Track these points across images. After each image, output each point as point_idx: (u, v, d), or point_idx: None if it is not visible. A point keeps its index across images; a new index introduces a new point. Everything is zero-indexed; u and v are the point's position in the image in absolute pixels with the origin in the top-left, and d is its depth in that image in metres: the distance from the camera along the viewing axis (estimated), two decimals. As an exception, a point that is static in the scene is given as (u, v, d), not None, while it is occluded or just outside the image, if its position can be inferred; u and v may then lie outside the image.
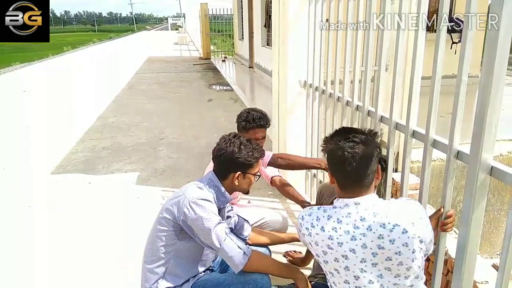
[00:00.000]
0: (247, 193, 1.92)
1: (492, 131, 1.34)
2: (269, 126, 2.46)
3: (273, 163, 2.41)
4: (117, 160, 4.78)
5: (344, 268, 1.36)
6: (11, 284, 2.54)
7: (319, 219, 1.38)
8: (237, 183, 1.79)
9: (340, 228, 1.33)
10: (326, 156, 1.43)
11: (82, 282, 2.53)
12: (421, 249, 1.33)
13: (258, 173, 1.86)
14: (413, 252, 1.31)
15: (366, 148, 1.34)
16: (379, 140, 1.45)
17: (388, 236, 1.29)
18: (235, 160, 1.75)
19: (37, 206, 3.60)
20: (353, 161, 1.32)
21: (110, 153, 5.04)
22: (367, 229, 1.31)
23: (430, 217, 1.63)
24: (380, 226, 1.30)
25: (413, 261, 1.32)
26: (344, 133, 1.39)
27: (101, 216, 3.40)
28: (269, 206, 3.45)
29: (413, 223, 1.30)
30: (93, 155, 4.99)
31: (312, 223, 1.39)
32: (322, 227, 1.36)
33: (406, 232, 1.28)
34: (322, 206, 1.44)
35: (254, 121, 2.37)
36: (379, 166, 1.40)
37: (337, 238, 1.33)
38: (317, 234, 1.37)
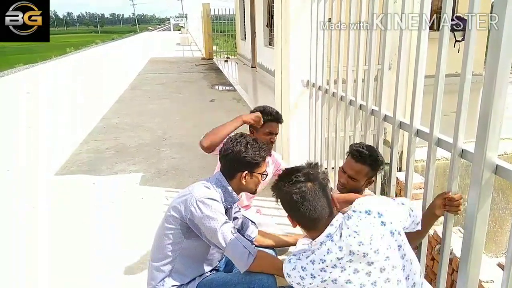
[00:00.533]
0: (254, 193, 1.91)
1: (496, 130, 1.34)
2: (283, 121, 2.47)
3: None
4: (121, 160, 4.80)
5: None
6: (16, 284, 2.56)
7: (305, 268, 1.33)
8: (244, 183, 1.79)
9: (327, 266, 1.30)
10: (280, 203, 1.42)
11: (86, 282, 2.54)
12: (405, 243, 1.33)
13: (265, 173, 1.86)
14: (399, 249, 1.30)
15: (312, 184, 1.34)
16: (321, 169, 1.44)
17: (371, 249, 1.27)
18: (242, 160, 1.75)
19: (42, 207, 3.62)
20: (304, 200, 1.31)
21: (113, 154, 5.06)
22: (350, 254, 1.28)
23: (436, 197, 1.64)
24: (359, 245, 1.27)
25: (403, 257, 1.32)
26: (286, 176, 1.39)
27: (105, 216, 3.42)
28: (273, 206, 3.45)
29: (384, 222, 1.29)
30: (97, 156, 5.01)
31: (300, 275, 1.34)
32: (312, 274, 1.32)
33: (384, 235, 1.28)
34: (298, 253, 1.39)
35: (272, 114, 2.36)
36: (332, 195, 1.40)
37: (329, 277, 1.30)
38: (310, 283, 1.33)
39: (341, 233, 1.30)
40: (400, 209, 1.39)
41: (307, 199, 1.32)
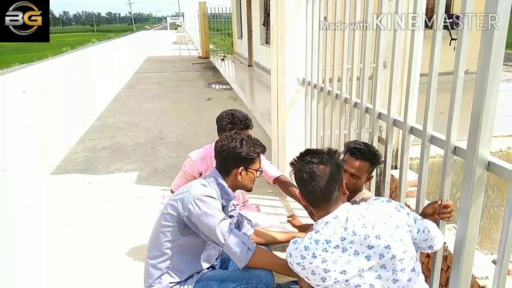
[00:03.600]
0: (249, 190, 1.92)
1: (488, 126, 1.35)
2: (252, 127, 2.40)
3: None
4: (117, 159, 4.79)
5: (345, 283, 1.37)
6: (12, 282, 2.56)
7: (308, 248, 1.37)
8: (240, 179, 1.81)
9: (329, 246, 1.35)
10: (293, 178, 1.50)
11: (83, 281, 2.54)
12: (408, 240, 1.37)
13: (260, 169, 1.88)
14: (401, 242, 1.33)
15: (324, 167, 1.41)
16: (339, 157, 1.50)
17: (373, 233, 1.32)
18: (238, 155, 1.77)
19: (37, 206, 3.61)
20: (312, 180, 1.39)
21: (110, 153, 5.05)
22: (352, 235, 1.34)
23: (426, 206, 1.67)
24: (362, 227, 1.33)
25: (404, 252, 1.34)
26: (303, 155, 1.47)
27: (101, 215, 3.41)
28: (269, 204, 3.46)
29: (391, 216, 1.36)
30: (93, 155, 5.00)
31: (302, 255, 1.38)
32: (313, 254, 1.36)
33: (386, 224, 1.33)
34: (303, 236, 1.45)
35: (241, 123, 2.31)
36: (343, 181, 1.47)
37: (330, 257, 1.34)
38: (310, 263, 1.36)
39: (347, 216, 1.37)
40: (420, 222, 1.45)
41: (315, 180, 1.39)
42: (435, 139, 1.67)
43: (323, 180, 1.39)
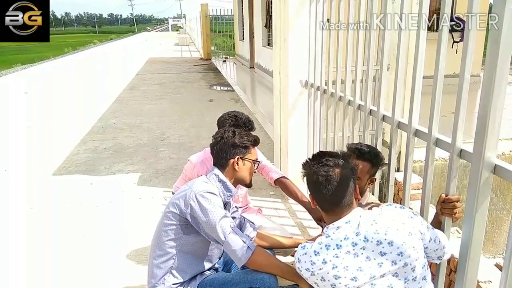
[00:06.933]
0: (249, 185, 1.94)
1: (495, 129, 1.33)
2: (255, 129, 2.39)
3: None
4: (119, 161, 4.78)
5: None
6: (14, 283, 2.55)
7: (318, 253, 1.34)
8: (237, 169, 1.83)
9: (340, 252, 1.32)
10: (305, 180, 1.46)
11: (84, 282, 2.53)
12: (420, 248, 1.34)
13: (258, 161, 1.90)
14: (413, 249, 1.31)
15: (340, 171, 1.38)
16: (352, 162, 1.48)
17: (385, 239, 1.30)
18: (232, 144, 1.82)
19: (39, 207, 3.60)
20: (328, 184, 1.36)
21: (111, 154, 5.05)
22: (364, 241, 1.31)
23: (436, 204, 1.64)
24: (375, 233, 1.31)
25: (416, 260, 1.32)
26: (318, 157, 1.44)
27: (103, 216, 3.41)
28: (271, 206, 3.45)
29: (404, 222, 1.33)
30: (95, 156, 5.00)
31: (311, 260, 1.34)
32: (324, 259, 1.32)
33: (399, 231, 1.31)
34: (311, 241, 1.42)
35: (244, 125, 2.29)
36: (357, 186, 1.44)
37: (341, 263, 1.31)
38: (320, 269, 1.33)
39: (359, 221, 1.34)
40: (431, 231, 1.43)
41: (330, 183, 1.36)
42: (440, 141, 1.66)
43: (337, 184, 1.35)
